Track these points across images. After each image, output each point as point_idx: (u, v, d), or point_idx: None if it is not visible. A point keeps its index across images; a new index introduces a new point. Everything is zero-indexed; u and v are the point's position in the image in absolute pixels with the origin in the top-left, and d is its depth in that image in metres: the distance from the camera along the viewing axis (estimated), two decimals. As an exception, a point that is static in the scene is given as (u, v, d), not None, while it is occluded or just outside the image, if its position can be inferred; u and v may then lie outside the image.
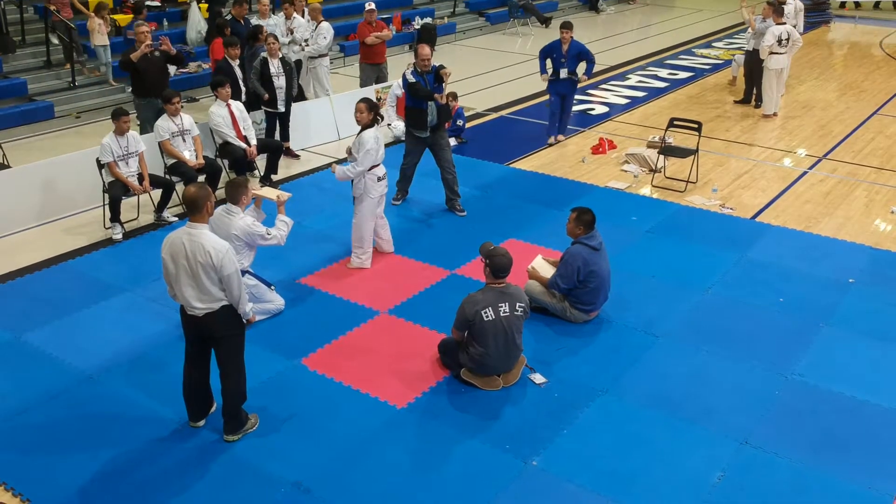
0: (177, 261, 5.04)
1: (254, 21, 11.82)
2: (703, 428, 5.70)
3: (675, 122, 10.48)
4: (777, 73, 12.65)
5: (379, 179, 7.66)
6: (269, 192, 7.05)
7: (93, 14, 12.91)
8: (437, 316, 6.98)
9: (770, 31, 12.42)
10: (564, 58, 10.98)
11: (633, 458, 5.41)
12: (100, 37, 12.77)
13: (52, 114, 11.99)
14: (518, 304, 5.98)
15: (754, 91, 13.41)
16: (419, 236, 8.63)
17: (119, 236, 8.48)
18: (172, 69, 11.79)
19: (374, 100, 12.16)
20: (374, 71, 12.61)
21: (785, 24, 12.73)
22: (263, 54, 10.20)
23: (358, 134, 7.64)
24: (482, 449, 5.48)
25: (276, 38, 10.44)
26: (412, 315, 7.10)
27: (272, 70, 10.13)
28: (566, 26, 11.06)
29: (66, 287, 7.53)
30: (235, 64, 10.13)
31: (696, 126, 10.21)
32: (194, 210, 5.00)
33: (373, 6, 12.53)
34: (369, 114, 7.58)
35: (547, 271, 7.12)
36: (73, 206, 9.06)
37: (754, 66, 13.05)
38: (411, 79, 8.72)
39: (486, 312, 5.86)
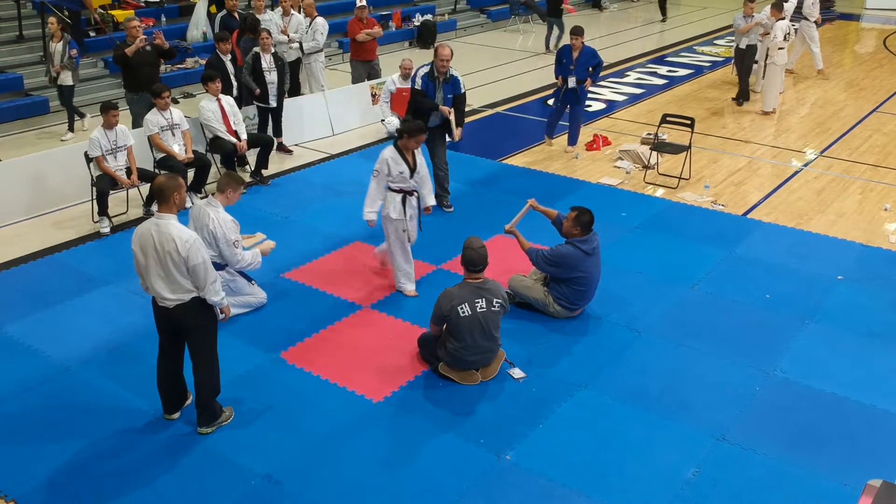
0: (146, 252, 5.04)
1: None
2: (680, 424, 5.65)
3: (668, 118, 10.41)
4: (782, 69, 12.59)
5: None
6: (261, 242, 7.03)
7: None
8: (419, 310, 6.96)
9: (777, 26, 12.35)
10: (573, 65, 10.44)
11: (607, 453, 5.37)
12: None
13: (47, 108, 12.02)
14: (495, 300, 5.94)
15: (750, 87, 13.37)
16: (406, 231, 8.60)
17: (107, 230, 8.49)
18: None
19: (370, 95, 12.27)
20: (365, 68, 12.57)
21: (784, 18, 12.67)
22: (256, 49, 10.19)
23: None
24: (455, 443, 5.45)
25: (269, 33, 10.43)
26: (394, 309, 7.07)
27: (264, 65, 10.11)
28: (576, 32, 10.45)
29: (50, 279, 7.55)
30: (227, 58, 10.12)
31: (689, 122, 10.15)
32: (161, 200, 4.99)
33: (363, 3, 12.48)
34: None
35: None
36: (62, 199, 9.09)
37: (746, 62, 13.02)
38: (420, 87, 8.57)
39: (462, 308, 5.82)
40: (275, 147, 10.20)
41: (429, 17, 18.27)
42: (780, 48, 12.39)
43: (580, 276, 6.73)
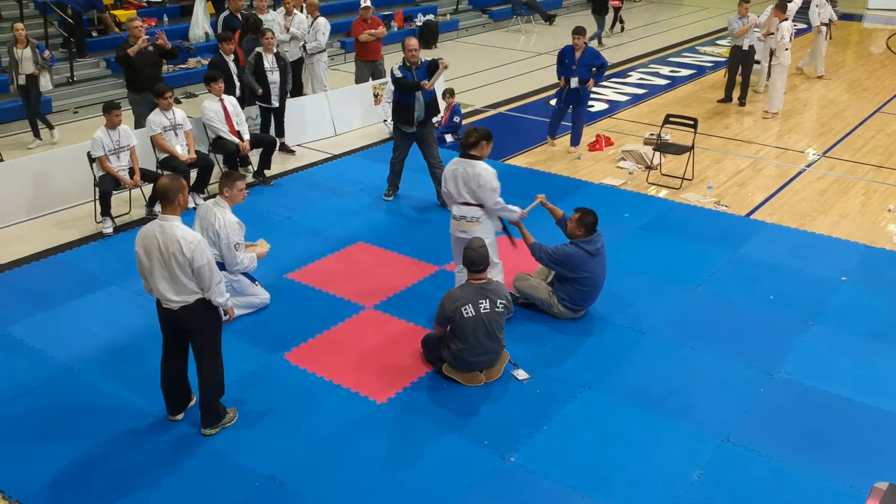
0: (150, 254, 5.03)
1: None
2: (684, 425, 5.64)
3: (671, 119, 10.40)
4: (787, 69, 12.58)
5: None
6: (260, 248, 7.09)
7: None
8: (422, 311, 6.96)
9: (783, 27, 12.33)
10: (576, 65, 10.40)
11: (611, 455, 5.36)
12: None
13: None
14: (499, 301, 5.93)
15: (751, 87, 13.39)
16: (409, 232, 8.60)
17: (109, 230, 8.49)
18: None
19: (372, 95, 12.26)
20: (369, 68, 12.56)
21: (787, 19, 12.66)
22: (258, 49, 10.18)
23: None
24: (459, 444, 5.44)
25: (272, 32, 10.41)
26: (398, 310, 7.06)
27: (266, 65, 10.10)
28: (578, 31, 10.44)
29: (53, 280, 7.55)
30: (229, 59, 10.11)
31: (691, 122, 10.13)
32: (165, 202, 4.99)
33: (368, 3, 12.47)
34: None
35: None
36: (64, 200, 9.08)
37: (745, 62, 13.05)
38: (398, 74, 8.71)
39: (465, 309, 5.81)
40: (277, 147, 10.20)
41: (431, 17, 18.26)
42: (786, 49, 12.38)
43: (585, 276, 6.72)
